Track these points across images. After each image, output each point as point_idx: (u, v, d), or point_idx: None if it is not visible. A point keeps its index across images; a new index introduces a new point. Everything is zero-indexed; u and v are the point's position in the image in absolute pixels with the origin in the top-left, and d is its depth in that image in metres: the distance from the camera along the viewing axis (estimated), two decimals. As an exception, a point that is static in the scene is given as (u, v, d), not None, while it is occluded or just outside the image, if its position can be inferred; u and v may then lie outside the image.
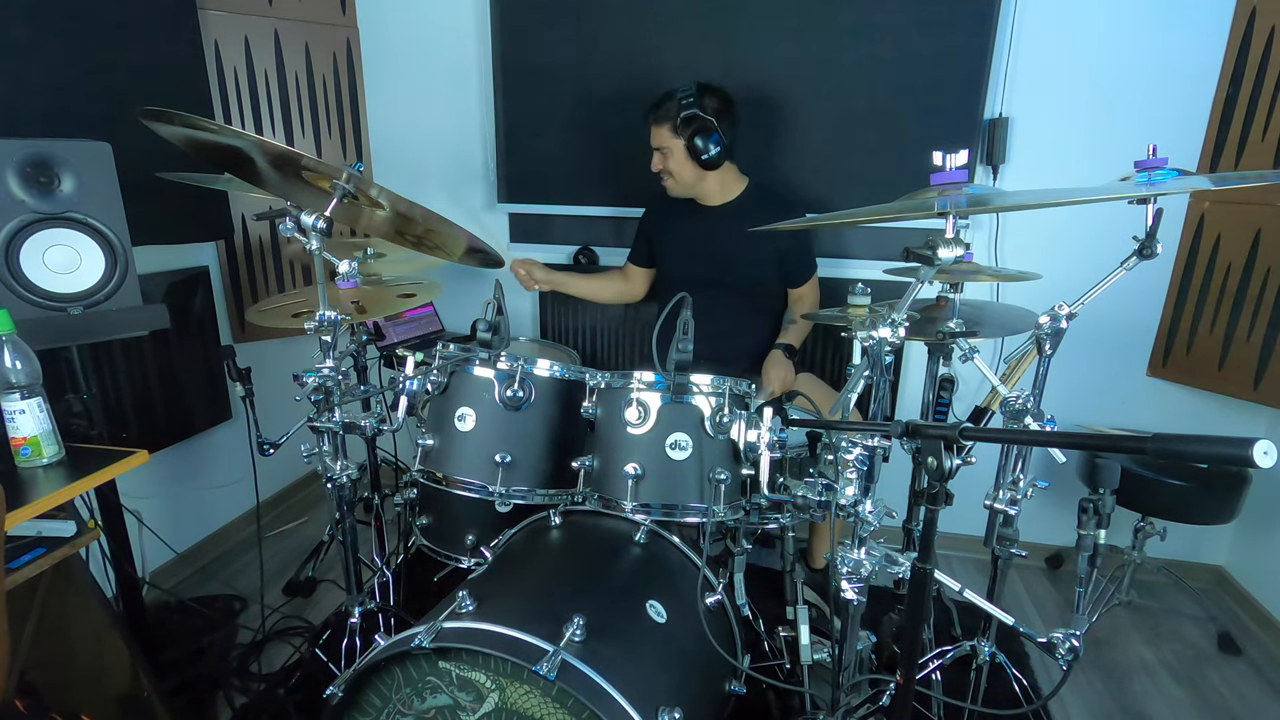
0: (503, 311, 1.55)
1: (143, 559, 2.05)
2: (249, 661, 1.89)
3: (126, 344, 2.00)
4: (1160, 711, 1.83)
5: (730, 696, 1.38)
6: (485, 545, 1.51)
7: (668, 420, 1.34)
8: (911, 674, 1.05)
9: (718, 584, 1.42)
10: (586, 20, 2.32)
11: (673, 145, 2.00)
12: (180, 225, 2.09)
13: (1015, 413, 1.28)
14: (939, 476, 0.91)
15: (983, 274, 1.77)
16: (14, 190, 1.35)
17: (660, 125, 2.01)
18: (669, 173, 2.05)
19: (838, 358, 2.42)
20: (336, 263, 1.50)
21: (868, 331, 1.15)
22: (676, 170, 2.03)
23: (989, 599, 1.25)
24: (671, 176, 2.06)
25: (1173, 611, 2.22)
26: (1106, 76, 2.09)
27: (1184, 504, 1.99)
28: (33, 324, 1.35)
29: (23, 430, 1.26)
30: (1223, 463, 0.68)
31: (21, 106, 1.63)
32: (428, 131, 2.59)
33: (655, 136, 2.03)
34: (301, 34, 2.37)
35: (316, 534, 2.49)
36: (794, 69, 2.22)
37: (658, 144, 2.03)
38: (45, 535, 1.30)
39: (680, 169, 2.03)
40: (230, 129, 1.21)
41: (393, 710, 1.13)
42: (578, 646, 1.06)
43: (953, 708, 1.60)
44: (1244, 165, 2.00)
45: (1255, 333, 2.00)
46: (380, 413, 1.52)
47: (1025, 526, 1.45)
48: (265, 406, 1.56)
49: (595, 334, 2.62)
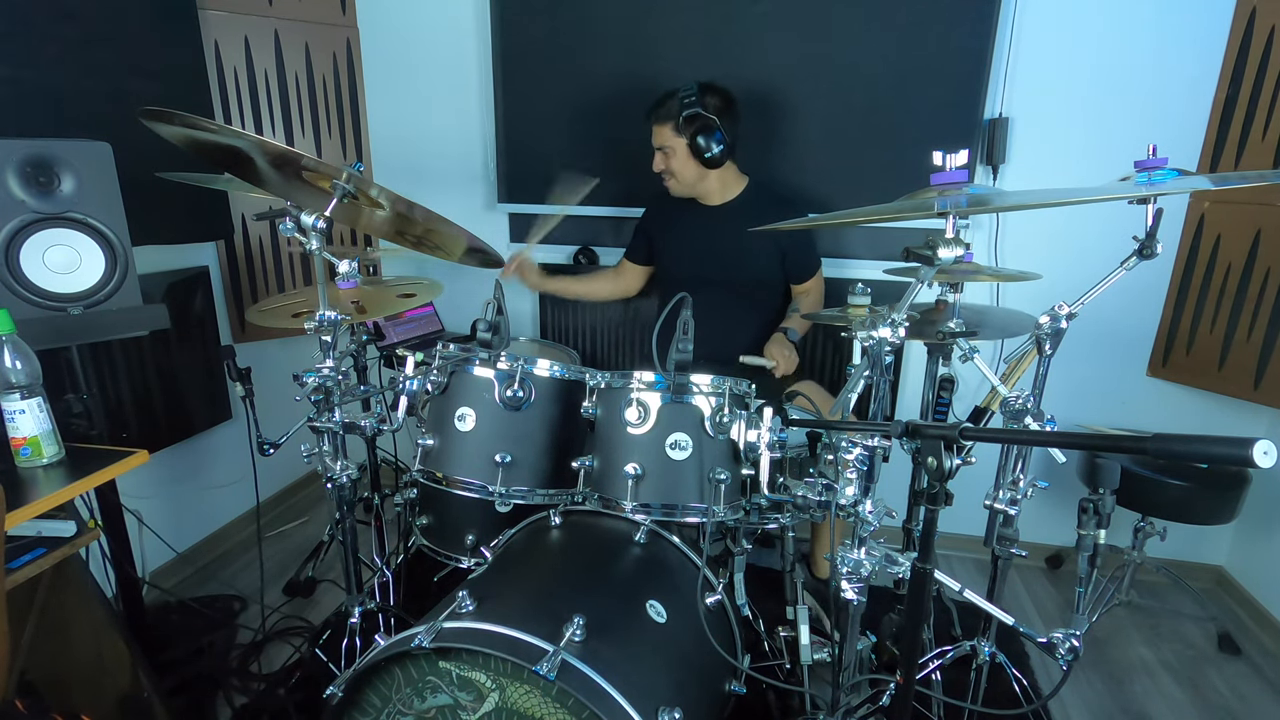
0: (503, 311, 1.55)
1: (143, 559, 2.05)
2: (249, 661, 1.89)
3: (126, 344, 2.00)
4: (1160, 711, 1.83)
5: (730, 696, 1.38)
6: (485, 545, 1.51)
7: (668, 420, 1.34)
8: (911, 674, 1.05)
9: (718, 584, 1.42)
10: (587, 20, 2.32)
11: (675, 144, 2.00)
12: (180, 225, 2.09)
13: (1015, 413, 1.28)
14: (939, 476, 0.91)
15: (983, 274, 1.77)
16: (14, 190, 1.35)
17: (662, 124, 2.00)
18: (671, 172, 2.05)
19: (838, 358, 2.42)
20: (336, 263, 1.50)
21: (868, 331, 1.15)
22: (679, 169, 2.03)
23: (989, 599, 1.25)
24: (674, 176, 2.05)
25: (1173, 611, 2.22)
26: (1106, 76, 2.09)
27: (1184, 504, 1.99)
28: (33, 324, 1.35)
29: (23, 430, 1.26)
30: (1223, 463, 0.68)
31: (21, 106, 1.63)
32: (427, 131, 2.59)
33: (657, 136, 2.03)
34: (301, 34, 2.37)
35: (316, 534, 2.49)
36: (794, 68, 2.22)
37: (660, 143, 2.03)
38: (45, 535, 1.30)
39: (682, 168, 2.02)
40: (230, 129, 1.21)
41: (393, 710, 1.13)
42: (578, 646, 1.06)
43: (953, 708, 1.60)
44: (1244, 165, 2.00)
45: (1255, 333, 2.00)
46: (380, 413, 1.52)
47: (1025, 526, 1.45)
48: (265, 406, 1.56)
49: (595, 334, 2.62)
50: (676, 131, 1.98)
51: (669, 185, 2.09)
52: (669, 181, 2.08)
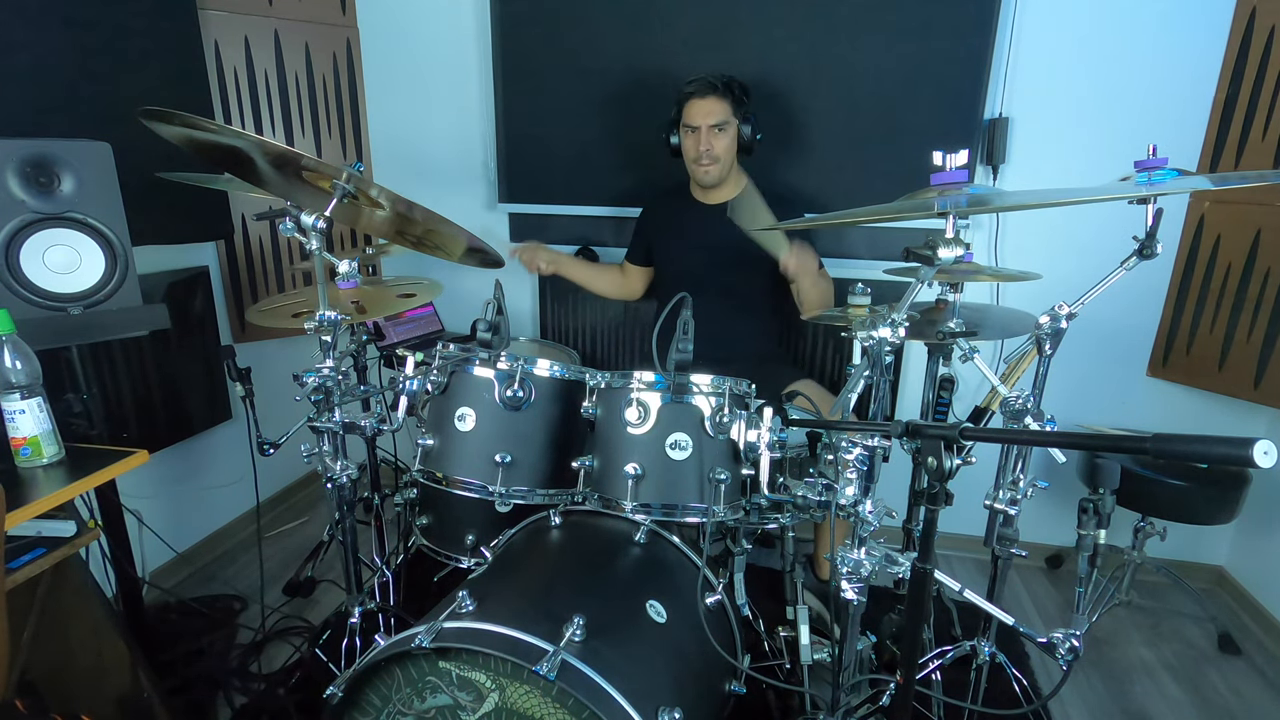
0: (503, 311, 1.55)
1: (143, 559, 2.05)
2: (249, 661, 1.89)
3: (126, 344, 2.00)
4: (1160, 711, 1.83)
5: (730, 696, 1.38)
6: (485, 545, 1.51)
7: (668, 420, 1.34)
8: (911, 674, 1.05)
9: (718, 584, 1.42)
10: (587, 20, 2.32)
11: (732, 122, 1.95)
12: (180, 225, 2.09)
13: (1015, 413, 1.28)
14: (939, 476, 0.91)
15: (983, 274, 1.77)
16: (14, 190, 1.35)
17: (722, 99, 1.92)
18: (715, 156, 1.96)
19: (838, 358, 2.42)
20: (336, 263, 1.50)
21: (868, 331, 1.15)
22: (725, 152, 1.96)
23: (989, 599, 1.25)
24: (716, 160, 1.97)
25: (1173, 611, 2.22)
26: (1106, 76, 2.09)
27: (1184, 504, 1.99)
28: (33, 324, 1.35)
29: (23, 430, 1.26)
30: (1223, 463, 0.68)
31: (21, 106, 1.63)
32: (428, 131, 2.59)
33: (712, 111, 1.92)
34: (301, 34, 2.37)
35: (316, 534, 2.49)
36: (795, 68, 2.22)
37: (716, 119, 1.92)
38: (45, 535, 1.30)
39: (728, 151, 1.97)
40: (230, 129, 1.21)
41: (393, 710, 1.13)
42: (578, 646, 1.06)
43: (953, 708, 1.60)
44: (1244, 165, 2.00)
45: (1255, 333, 2.00)
46: (380, 413, 1.52)
47: (1025, 526, 1.45)
48: (265, 406, 1.56)
49: (595, 334, 2.62)
50: (734, 110, 1.92)
51: (706, 170, 1.99)
52: (707, 166, 1.98)
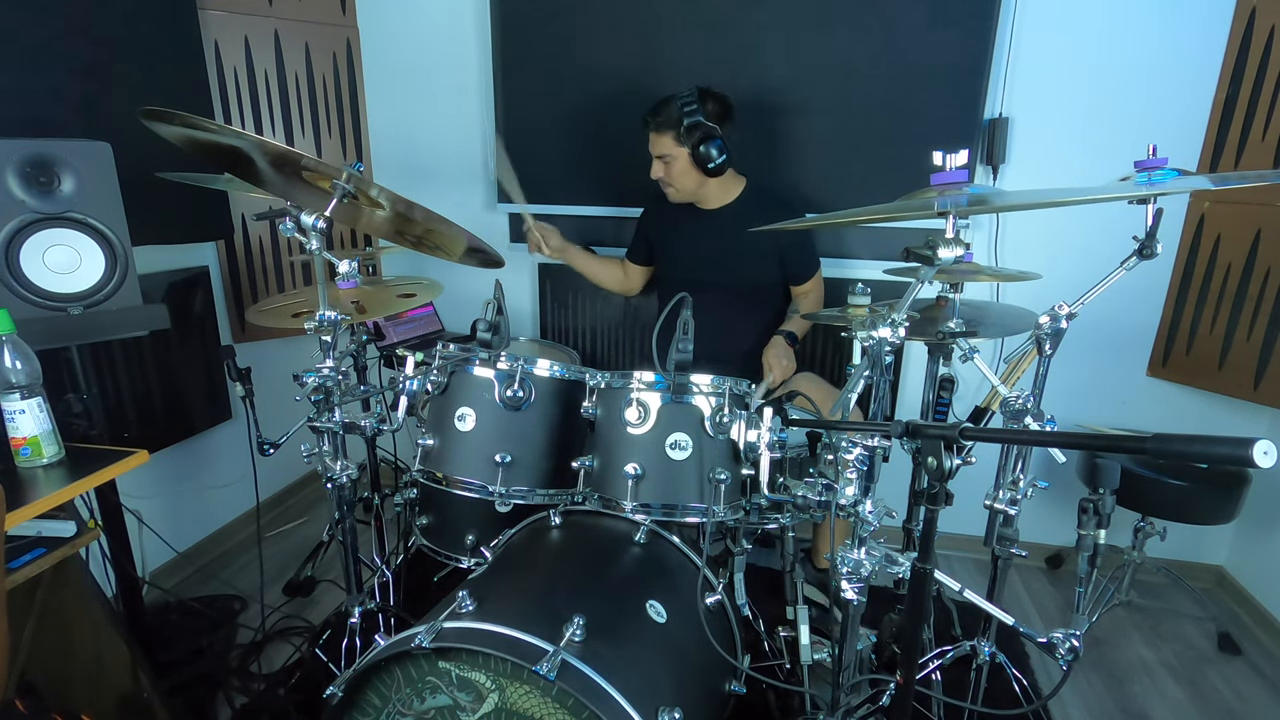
0: (503, 311, 1.55)
1: (143, 559, 2.05)
2: (249, 661, 1.89)
3: (126, 344, 2.00)
4: (1160, 711, 1.83)
5: (730, 696, 1.38)
6: (485, 545, 1.51)
7: (668, 420, 1.34)
8: (911, 674, 1.05)
9: (718, 584, 1.42)
10: (586, 20, 2.32)
11: (677, 154, 1.94)
12: (180, 225, 2.09)
13: (1015, 413, 1.28)
14: (939, 476, 0.91)
15: (983, 274, 1.77)
16: (14, 190, 1.35)
17: (662, 133, 1.94)
18: (670, 182, 2.01)
19: (838, 358, 2.42)
20: (336, 262, 1.50)
21: (868, 331, 1.15)
22: (678, 179, 1.99)
23: (989, 599, 1.25)
24: (673, 185, 2.01)
25: (1173, 611, 2.22)
26: (1106, 76, 2.09)
27: (1184, 504, 1.99)
28: (33, 324, 1.35)
29: (23, 430, 1.26)
30: (1223, 463, 0.68)
31: (21, 106, 1.63)
32: (428, 131, 2.59)
33: (656, 144, 1.97)
34: (301, 34, 2.37)
35: (316, 534, 2.48)
36: (794, 67, 2.22)
37: (660, 152, 1.97)
38: (45, 535, 1.30)
39: (683, 178, 1.98)
40: (230, 129, 1.21)
41: (393, 710, 1.13)
42: (578, 646, 1.06)
43: (953, 708, 1.60)
44: (1244, 165, 2.00)
45: (1255, 333, 2.00)
46: (380, 413, 1.52)
47: (1025, 526, 1.45)
48: (265, 406, 1.56)
49: (595, 334, 2.62)
50: (678, 141, 1.93)
51: (668, 193, 2.06)
52: (668, 190, 2.04)
